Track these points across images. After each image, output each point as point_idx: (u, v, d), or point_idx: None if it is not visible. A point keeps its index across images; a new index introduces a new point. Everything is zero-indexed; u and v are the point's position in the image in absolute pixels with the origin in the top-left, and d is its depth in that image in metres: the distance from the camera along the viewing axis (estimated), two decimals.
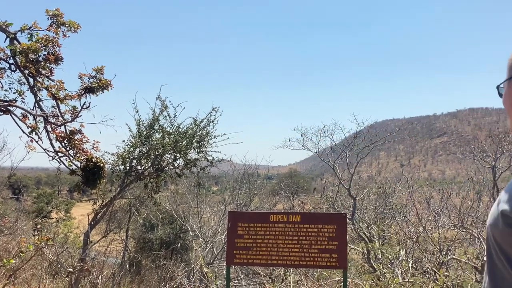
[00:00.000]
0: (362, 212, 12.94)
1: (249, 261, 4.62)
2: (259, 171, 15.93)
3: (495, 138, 12.73)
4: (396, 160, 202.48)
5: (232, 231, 4.72)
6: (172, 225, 13.79)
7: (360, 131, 12.88)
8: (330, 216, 4.65)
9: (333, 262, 4.38)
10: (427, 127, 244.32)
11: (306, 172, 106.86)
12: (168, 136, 8.34)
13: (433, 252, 8.77)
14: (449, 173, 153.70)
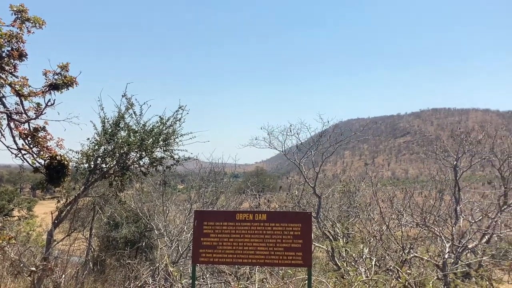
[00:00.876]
0: (327, 210, 13.10)
1: (215, 260, 4.62)
2: (226, 169, 15.91)
3: (456, 138, 13.07)
4: (361, 159, 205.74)
5: (198, 230, 4.70)
6: (137, 224, 13.60)
7: (326, 131, 13.05)
8: (296, 215, 4.69)
9: (297, 260, 4.43)
10: (391, 127, 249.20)
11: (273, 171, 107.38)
12: (133, 134, 8.22)
13: (396, 250, 8.95)
14: (412, 172, 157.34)
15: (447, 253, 8.20)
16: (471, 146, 12.19)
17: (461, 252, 8.73)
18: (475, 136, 12.75)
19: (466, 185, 13.13)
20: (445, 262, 8.05)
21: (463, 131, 13.45)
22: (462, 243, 8.76)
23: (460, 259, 8.55)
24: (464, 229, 9.55)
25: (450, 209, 10.91)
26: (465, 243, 8.82)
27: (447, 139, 14.59)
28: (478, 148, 12.24)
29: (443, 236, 8.65)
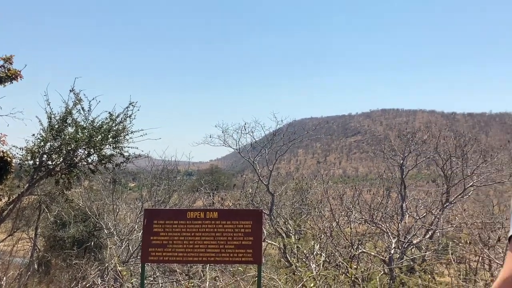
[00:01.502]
0: (280, 208, 13.24)
1: (165, 258, 4.58)
2: (179, 167, 15.76)
3: (403, 138, 13.52)
4: (314, 158, 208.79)
5: (148, 228, 4.64)
6: (86, 223, 13.24)
7: (280, 129, 13.18)
8: (247, 212, 4.72)
9: (248, 257, 4.45)
10: (343, 126, 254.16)
11: (227, 169, 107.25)
12: (82, 130, 8.00)
13: (345, 246, 9.16)
14: (362, 171, 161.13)
15: (393, 248, 8.48)
16: (417, 146, 12.64)
17: (406, 247, 9.04)
18: (420, 136, 13.24)
19: (411, 183, 13.62)
20: (391, 257, 8.32)
21: (409, 131, 13.95)
22: (407, 239, 9.08)
23: (405, 254, 8.85)
24: (409, 225, 9.90)
25: (396, 206, 11.30)
26: (410, 238, 9.14)
27: (394, 139, 15.06)
28: (423, 147, 12.72)
29: (390, 232, 8.93)
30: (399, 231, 9.08)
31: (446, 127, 18.71)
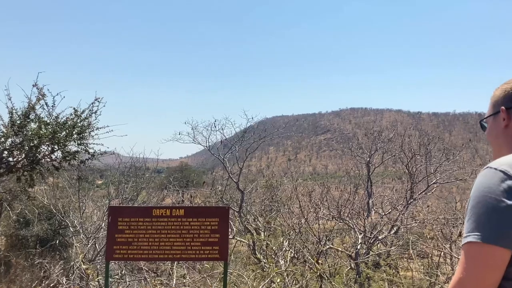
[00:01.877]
0: (249, 205, 13.27)
1: (130, 256, 4.54)
2: (148, 164, 15.58)
3: (370, 136, 13.76)
4: (284, 155, 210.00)
5: (113, 226, 4.59)
6: (51, 221, 12.92)
7: (250, 127, 13.18)
8: (213, 209, 4.73)
9: (214, 254, 4.45)
10: (313, 124, 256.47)
11: (198, 166, 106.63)
12: (45, 126, 7.80)
13: (314, 242, 9.28)
14: (331, 168, 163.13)
15: (359, 244, 8.64)
16: (383, 144, 12.88)
17: (372, 243, 9.22)
18: (387, 135, 13.51)
19: (378, 180, 13.87)
20: (358, 253, 8.48)
21: (376, 130, 14.20)
22: (373, 235, 9.26)
23: (371, 249, 9.02)
24: (375, 221, 10.09)
25: (363, 203, 11.49)
26: (376, 234, 9.33)
27: (362, 137, 15.31)
28: (389, 146, 12.97)
29: (356, 228, 9.08)
30: (365, 227, 9.25)
31: (411, 126, 19.18)
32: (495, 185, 1.56)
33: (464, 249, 1.54)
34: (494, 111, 1.84)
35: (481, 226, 1.50)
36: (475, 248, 1.51)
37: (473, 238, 1.50)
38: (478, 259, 1.50)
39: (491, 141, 1.86)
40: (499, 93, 1.84)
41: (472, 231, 1.52)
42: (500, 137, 1.81)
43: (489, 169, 1.60)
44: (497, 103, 1.82)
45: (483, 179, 1.59)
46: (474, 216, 1.54)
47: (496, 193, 1.53)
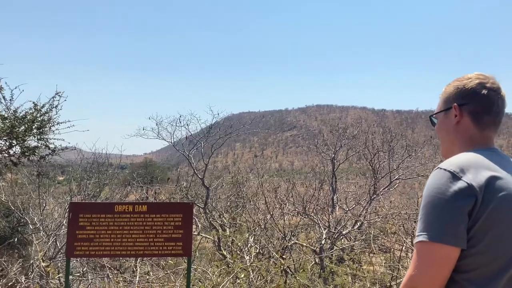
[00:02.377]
0: (215, 201, 13.22)
1: (91, 253, 4.46)
2: (111, 160, 15.29)
3: (335, 133, 13.94)
4: (251, 151, 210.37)
5: (74, 222, 4.49)
6: (9, 218, 12.51)
7: (216, 123, 13.10)
8: (177, 206, 4.69)
9: (178, 250, 4.43)
10: (279, 121, 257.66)
11: (162, 162, 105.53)
12: (2, 120, 7.54)
13: (279, 237, 9.33)
14: (297, 164, 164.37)
15: (324, 239, 8.75)
16: (348, 141, 13.07)
17: (336, 238, 9.35)
18: (351, 132, 13.72)
19: (343, 176, 14.07)
20: (322, 248, 8.58)
21: (341, 127, 14.40)
22: (337, 230, 9.39)
23: (335, 244, 9.15)
24: (340, 216, 10.24)
25: (327, 199, 11.63)
26: (340, 229, 9.46)
27: (327, 134, 15.48)
28: (354, 142, 13.17)
29: (321, 223, 9.19)
30: (329, 222, 9.37)
31: (375, 123, 19.52)
32: (444, 185, 1.62)
33: (416, 248, 1.62)
34: (445, 107, 1.89)
35: (430, 226, 1.59)
36: (425, 246, 1.60)
37: (423, 238, 1.59)
38: (428, 257, 1.58)
39: (441, 137, 1.91)
40: (451, 90, 1.89)
41: (422, 231, 1.61)
42: (452, 133, 1.86)
43: (439, 170, 1.66)
44: (449, 100, 1.87)
45: (433, 179, 1.66)
46: (424, 216, 1.63)
47: (445, 194, 1.60)
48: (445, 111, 1.89)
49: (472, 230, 1.57)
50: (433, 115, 1.94)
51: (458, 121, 1.83)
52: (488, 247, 1.58)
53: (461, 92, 1.84)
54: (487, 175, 1.61)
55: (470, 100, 1.82)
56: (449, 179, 1.62)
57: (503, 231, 1.59)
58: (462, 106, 1.82)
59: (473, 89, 1.82)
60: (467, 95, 1.82)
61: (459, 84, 1.86)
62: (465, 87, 1.83)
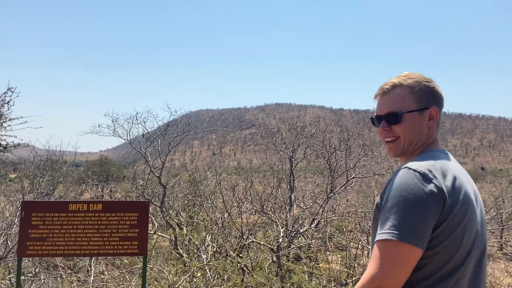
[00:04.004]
0: (172, 200, 13.11)
1: (44, 252, 4.36)
2: (65, 157, 14.89)
3: (293, 131, 14.11)
4: (209, 149, 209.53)
5: (26, 221, 4.37)
6: None
7: (174, 120, 13.00)
8: (133, 204, 4.65)
9: (133, 249, 4.39)
10: (238, 119, 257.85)
11: (119, 160, 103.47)
12: None
13: (236, 236, 9.36)
14: (256, 162, 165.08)
15: (281, 237, 8.84)
16: (306, 139, 13.25)
17: (293, 236, 9.47)
18: (309, 130, 13.93)
19: (301, 175, 14.25)
20: (279, 246, 8.67)
21: (300, 125, 14.59)
22: (294, 228, 9.50)
23: (292, 242, 9.26)
24: (297, 215, 10.37)
25: (285, 197, 11.75)
26: (297, 228, 9.58)
27: (286, 132, 15.66)
28: (312, 141, 13.37)
29: (279, 222, 9.28)
30: (287, 220, 9.47)
31: (333, 122, 19.88)
32: (416, 187, 1.61)
33: (380, 246, 1.59)
34: (419, 107, 1.85)
35: (399, 226, 1.57)
36: (393, 246, 1.57)
37: (391, 236, 1.57)
38: (395, 257, 1.57)
39: (407, 136, 1.84)
40: (422, 89, 1.86)
41: (390, 230, 1.58)
42: (423, 133, 1.86)
43: (408, 170, 1.65)
44: (421, 99, 1.85)
45: (403, 179, 1.64)
46: (394, 215, 1.59)
47: (417, 195, 1.59)
48: (420, 110, 1.85)
49: (435, 232, 1.60)
50: (403, 113, 1.83)
51: (433, 123, 1.87)
52: (446, 249, 1.62)
53: (433, 94, 1.87)
54: (452, 178, 1.66)
55: (440, 103, 1.89)
56: (420, 181, 1.62)
57: (461, 234, 1.64)
58: (438, 108, 1.87)
59: (439, 92, 1.90)
60: (438, 98, 1.89)
61: (429, 85, 1.87)
62: (435, 89, 1.88)
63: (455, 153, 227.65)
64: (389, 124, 1.86)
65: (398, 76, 1.89)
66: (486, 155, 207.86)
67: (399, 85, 1.86)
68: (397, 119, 1.83)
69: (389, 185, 1.67)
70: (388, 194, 1.64)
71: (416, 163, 1.69)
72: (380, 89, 1.91)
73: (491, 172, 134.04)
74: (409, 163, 1.69)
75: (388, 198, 1.63)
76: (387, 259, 1.57)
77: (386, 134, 1.89)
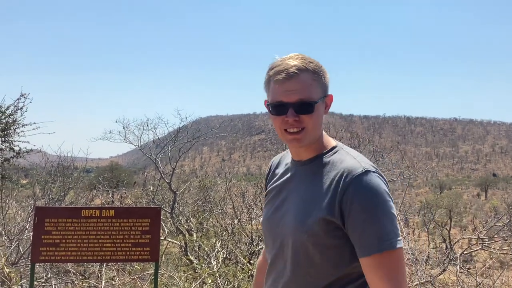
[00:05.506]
0: (182, 206, 13.15)
1: (57, 258, 4.40)
2: (76, 163, 15.02)
3: None
4: (218, 155, 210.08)
5: (39, 227, 4.43)
6: None
7: (184, 126, 13.07)
8: (144, 210, 4.69)
9: (145, 255, 4.42)
10: (248, 125, 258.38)
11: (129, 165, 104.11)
12: None
13: (246, 242, 9.37)
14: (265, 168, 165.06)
15: None
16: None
17: None
18: None
19: None
20: None
21: None
22: None
23: None
24: None
25: None
26: None
27: None
28: None
29: None
30: None
31: (343, 128, 19.83)
32: (387, 190, 1.62)
33: (398, 254, 1.54)
34: (324, 94, 1.75)
35: (398, 231, 1.56)
36: (401, 252, 1.55)
37: (401, 243, 1.55)
38: (403, 263, 1.56)
39: (314, 122, 1.70)
40: (326, 77, 1.76)
41: (397, 236, 1.55)
42: (321, 120, 1.76)
43: (375, 174, 1.62)
44: (326, 87, 1.76)
45: (378, 182, 1.60)
46: (392, 221, 1.56)
47: (391, 198, 1.61)
48: (322, 98, 1.74)
49: None
50: (316, 102, 1.68)
51: (327, 111, 1.79)
52: None
53: (328, 80, 1.78)
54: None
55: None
56: (386, 183, 1.64)
57: None
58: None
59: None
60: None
61: (326, 70, 1.77)
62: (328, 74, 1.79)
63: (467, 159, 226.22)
64: (298, 113, 1.65)
65: (296, 59, 1.69)
66: (498, 162, 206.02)
67: (305, 69, 1.66)
68: (309, 108, 1.66)
69: (357, 189, 1.58)
70: (379, 198, 1.58)
71: (366, 162, 1.67)
72: (283, 72, 1.65)
73: (503, 178, 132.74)
74: (364, 164, 1.65)
75: (381, 203, 1.57)
76: (402, 266, 1.55)
77: (293, 124, 1.67)
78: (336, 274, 1.65)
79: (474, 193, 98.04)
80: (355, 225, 1.57)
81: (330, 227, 1.61)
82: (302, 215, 1.67)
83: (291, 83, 1.64)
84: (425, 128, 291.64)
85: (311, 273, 1.68)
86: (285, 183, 1.86)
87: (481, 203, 73.47)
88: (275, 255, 1.81)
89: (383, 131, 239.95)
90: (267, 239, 1.92)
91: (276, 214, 1.83)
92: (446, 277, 6.83)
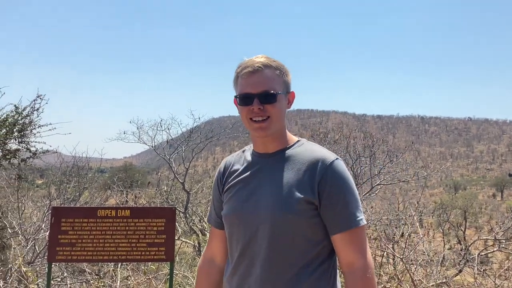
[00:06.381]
0: (195, 206, 13.19)
1: (73, 257, 4.42)
2: (91, 164, 15.14)
3: (316, 137, 14.02)
4: None
5: (55, 227, 4.46)
6: None
7: (197, 127, 13.11)
8: (159, 210, 4.69)
9: (160, 255, 4.43)
10: None
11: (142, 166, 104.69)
12: None
13: None
14: None
15: None
16: (329, 145, 13.15)
17: None
18: (332, 136, 13.81)
19: None
20: None
21: (322, 131, 14.50)
22: None
23: None
24: None
25: None
26: None
27: (308, 139, 15.54)
28: (335, 147, 13.27)
29: None
30: None
31: (356, 128, 19.69)
32: (351, 175, 1.89)
33: (362, 230, 1.80)
34: (287, 90, 1.96)
35: (361, 210, 1.82)
36: (364, 228, 1.82)
37: (365, 221, 1.82)
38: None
39: (279, 115, 1.90)
40: (288, 75, 1.96)
41: (362, 214, 1.81)
42: (284, 115, 1.96)
43: (343, 161, 1.89)
44: (289, 84, 1.96)
45: (344, 167, 1.86)
46: (357, 200, 1.82)
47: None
48: (285, 93, 1.94)
49: None
50: (279, 93, 1.88)
51: (290, 107, 2.02)
52: None
53: (290, 79, 1.98)
54: None
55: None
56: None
57: None
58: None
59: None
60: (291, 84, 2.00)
61: (288, 70, 1.97)
62: (290, 75, 1.99)
63: (482, 159, 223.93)
64: (262, 103, 1.84)
65: (261, 57, 1.89)
66: None
67: (268, 65, 1.87)
68: (272, 98, 1.84)
69: (333, 174, 1.80)
70: (348, 181, 1.82)
71: (330, 152, 1.90)
72: (249, 66, 1.86)
73: None
74: (332, 153, 1.89)
75: (348, 184, 1.81)
76: (366, 241, 1.80)
77: (258, 113, 1.85)
78: (312, 252, 1.81)
79: (490, 194, 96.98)
80: (331, 205, 1.78)
81: (310, 206, 1.79)
82: (282, 197, 1.81)
83: (256, 76, 1.84)
84: (440, 128, 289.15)
85: (290, 253, 1.80)
86: (253, 175, 1.97)
87: (496, 203, 72.65)
88: (243, 248, 1.89)
89: (397, 131, 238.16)
90: (236, 232, 1.95)
91: (248, 203, 1.91)
92: (462, 278, 6.74)
